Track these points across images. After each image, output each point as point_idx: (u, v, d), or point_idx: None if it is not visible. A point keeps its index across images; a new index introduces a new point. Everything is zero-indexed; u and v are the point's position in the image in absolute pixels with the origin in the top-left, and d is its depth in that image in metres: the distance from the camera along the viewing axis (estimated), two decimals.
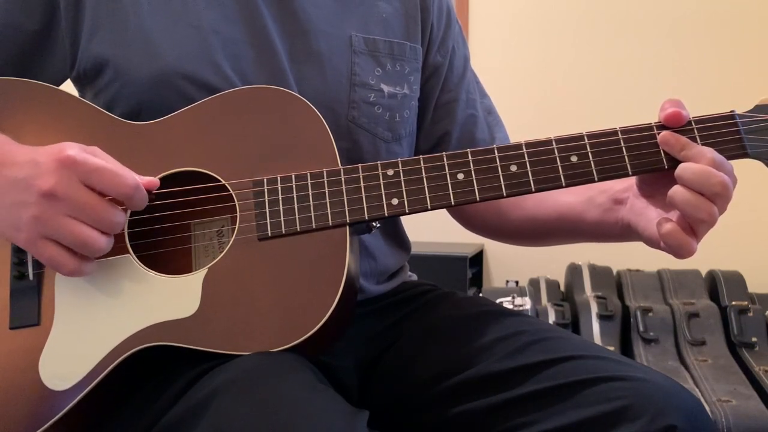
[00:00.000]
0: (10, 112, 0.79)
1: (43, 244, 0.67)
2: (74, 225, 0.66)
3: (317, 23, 0.87)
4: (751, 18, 2.26)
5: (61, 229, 0.66)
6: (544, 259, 2.20)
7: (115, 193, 0.67)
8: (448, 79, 1.00)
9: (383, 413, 0.81)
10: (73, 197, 0.66)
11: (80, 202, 0.66)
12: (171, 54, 0.80)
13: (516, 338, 0.79)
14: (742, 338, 1.85)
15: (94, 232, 0.67)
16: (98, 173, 0.67)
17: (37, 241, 0.67)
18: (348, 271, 0.72)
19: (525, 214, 0.96)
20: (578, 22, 2.39)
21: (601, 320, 1.90)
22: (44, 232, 0.66)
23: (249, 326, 0.70)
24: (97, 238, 0.67)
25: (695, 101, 0.83)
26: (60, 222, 0.66)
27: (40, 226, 0.66)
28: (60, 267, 0.68)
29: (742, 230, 2.07)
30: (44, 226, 0.66)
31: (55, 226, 0.66)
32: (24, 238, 0.67)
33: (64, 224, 0.66)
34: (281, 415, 0.60)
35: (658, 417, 0.66)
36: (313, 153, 0.77)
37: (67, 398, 0.69)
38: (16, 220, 0.67)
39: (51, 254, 0.67)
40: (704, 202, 0.70)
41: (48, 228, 0.66)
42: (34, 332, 0.73)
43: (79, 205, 0.66)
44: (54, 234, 0.66)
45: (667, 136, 0.73)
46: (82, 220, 0.66)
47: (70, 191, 0.66)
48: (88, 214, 0.66)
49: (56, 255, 0.67)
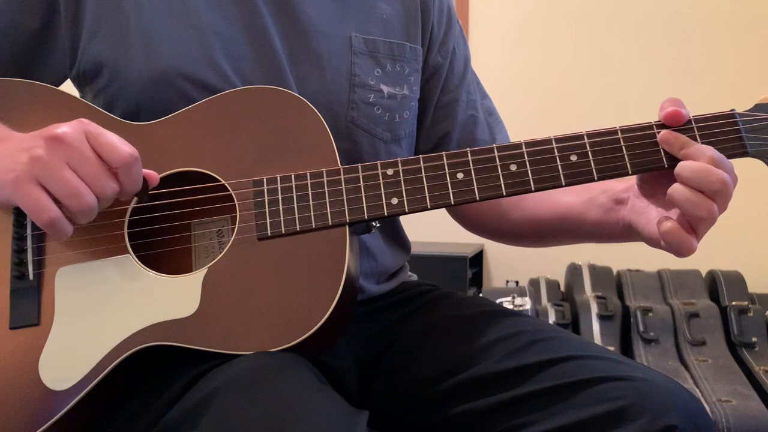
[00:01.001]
0: (10, 112, 0.79)
1: (30, 185, 0.66)
2: (70, 174, 0.66)
3: (317, 24, 0.87)
4: (750, 18, 2.26)
5: (57, 173, 0.65)
6: (544, 259, 2.20)
7: (116, 157, 0.67)
8: (448, 79, 1.00)
9: (383, 413, 0.81)
10: (78, 148, 0.66)
11: (82, 154, 0.66)
12: (171, 54, 0.81)
13: (516, 338, 0.79)
14: (742, 338, 1.85)
15: (86, 187, 0.66)
16: (105, 137, 0.67)
17: (25, 182, 0.66)
18: (348, 271, 0.72)
19: (525, 214, 0.96)
20: (578, 22, 2.39)
21: (601, 320, 1.90)
22: (38, 174, 0.65)
23: (249, 326, 0.70)
24: (88, 192, 0.66)
25: (695, 100, 0.83)
26: (58, 167, 0.65)
27: (37, 167, 0.65)
28: (40, 212, 0.66)
29: (742, 230, 2.07)
30: (41, 168, 0.65)
31: (52, 169, 0.65)
32: (13, 177, 0.66)
33: (61, 170, 0.65)
34: (281, 415, 0.60)
35: (658, 417, 0.66)
36: (313, 153, 0.77)
37: (67, 398, 0.69)
38: (14, 163, 0.66)
39: (36, 196, 0.66)
40: (704, 199, 0.70)
41: (45, 170, 0.65)
42: (34, 332, 0.73)
43: (81, 157, 0.66)
44: (48, 178, 0.65)
45: (667, 134, 0.73)
46: (78, 173, 0.66)
47: (76, 141, 0.66)
48: (87, 168, 0.66)
49: (41, 198, 0.65)
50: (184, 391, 0.68)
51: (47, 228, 0.67)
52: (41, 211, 0.66)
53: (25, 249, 0.75)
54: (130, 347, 0.70)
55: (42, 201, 0.66)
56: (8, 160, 0.67)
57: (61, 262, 0.75)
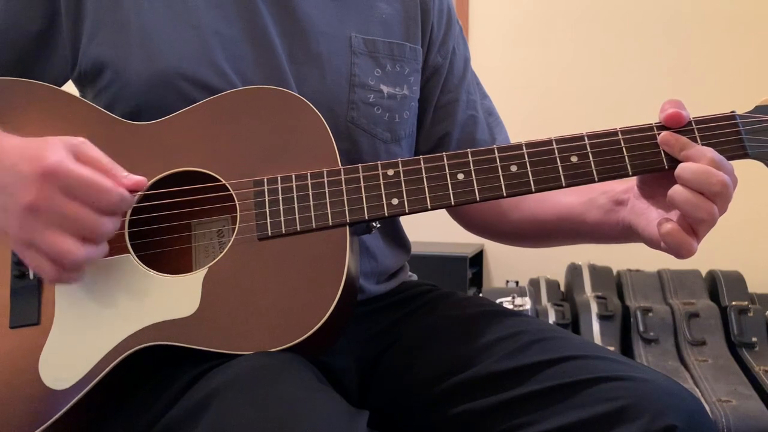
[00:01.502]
0: (10, 112, 0.79)
1: (28, 252, 0.67)
2: (53, 237, 0.65)
3: (317, 24, 0.87)
4: (750, 18, 2.26)
5: (39, 241, 0.65)
6: (544, 259, 2.20)
7: (99, 203, 0.66)
8: (448, 80, 1.00)
9: (383, 413, 0.81)
10: (54, 210, 0.64)
11: (61, 214, 0.65)
12: (171, 55, 0.81)
13: (516, 338, 0.79)
14: (742, 338, 1.85)
15: (72, 243, 0.65)
16: (80, 186, 0.65)
17: (23, 249, 0.67)
18: (348, 271, 0.72)
19: (525, 215, 0.96)
20: (578, 23, 2.39)
21: (601, 320, 1.90)
22: (27, 240, 0.66)
23: (249, 326, 0.70)
24: (74, 250, 0.65)
25: (695, 101, 0.83)
26: (40, 234, 0.65)
27: (23, 234, 0.66)
28: (42, 275, 0.68)
29: (742, 230, 2.07)
30: (26, 236, 0.66)
31: (34, 237, 0.65)
32: (12, 242, 0.68)
33: (43, 236, 0.65)
34: (281, 415, 0.59)
35: (658, 417, 0.66)
36: (314, 153, 0.77)
37: (67, 397, 0.70)
38: (5, 226, 0.67)
39: (34, 262, 0.67)
40: (704, 201, 0.70)
41: (29, 238, 0.66)
42: (34, 331, 0.73)
43: (60, 217, 0.65)
44: (35, 244, 0.66)
45: (668, 136, 0.74)
46: (64, 230, 0.65)
47: (51, 204, 0.64)
48: (70, 225, 0.65)
49: (38, 263, 0.67)
50: (184, 391, 0.68)
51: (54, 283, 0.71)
52: (43, 275, 0.68)
53: None
54: (130, 347, 0.70)
55: (39, 267, 0.67)
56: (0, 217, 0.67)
57: None
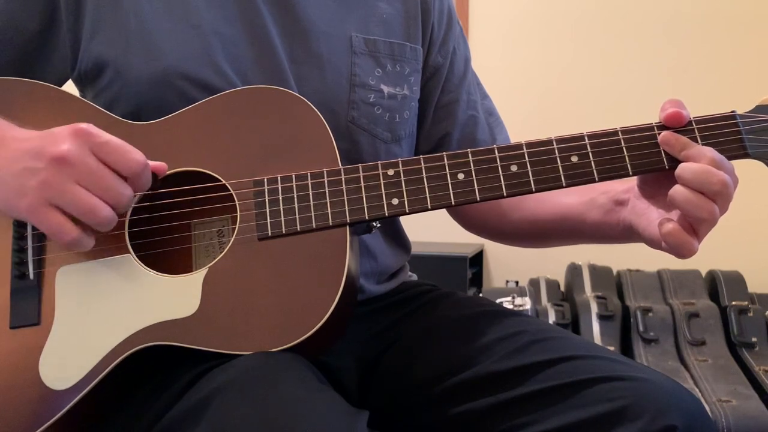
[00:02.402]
0: (11, 112, 0.79)
1: (46, 210, 0.66)
2: (82, 192, 0.66)
3: (317, 24, 0.87)
4: (750, 18, 2.26)
5: (68, 194, 0.65)
6: (544, 259, 2.20)
7: (125, 167, 0.67)
8: (448, 80, 1.00)
9: (383, 413, 0.81)
10: (84, 164, 0.66)
11: (90, 170, 0.66)
12: (171, 54, 0.81)
13: (516, 338, 0.79)
14: (742, 338, 1.85)
15: (99, 201, 0.66)
16: (110, 146, 0.67)
17: (40, 208, 0.66)
18: (348, 271, 0.72)
19: (526, 215, 0.96)
20: (578, 22, 2.39)
21: (601, 320, 1.90)
22: (50, 197, 0.66)
23: (249, 326, 0.70)
24: (103, 206, 0.66)
25: (695, 101, 0.83)
26: (68, 187, 0.65)
27: (47, 190, 0.65)
28: (62, 234, 0.67)
29: (742, 230, 2.07)
30: (52, 191, 0.65)
31: (62, 191, 0.65)
32: (27, 203, 0.66)
33: (72, 190, 0.65)
34: (281, 415, 0.59)
35: (658, 417, 0.66)
36: (314, 153, 0.77)
37: (67, 398, 0.70)
38: (23, 186, 0.66)
39: (55, 221, 0.66)
40: (705, 201, 0.70)
41: (55, 193, 0.65)
42: (35, 332, 0.73)
43: (89, 173, 0.66)
44: (60, 200, 0.66)
45: (668, 136, 0.74)
46: (89, 189, 0.66)
47: (81, 158, 0.66)
48: (98, 182, 0.66)
49: (60, 222, 0.66)
50: (184, 390, 0.68)
51: (70, 247, 0.69)
52: (62, 235, 0.67)
53: (26, 249, 0.75)
54: (130, 347, 0.70)
55: (60, 225, 0.66)
56: (15, 181, 0.67)
57: (61, 261, 0.75)
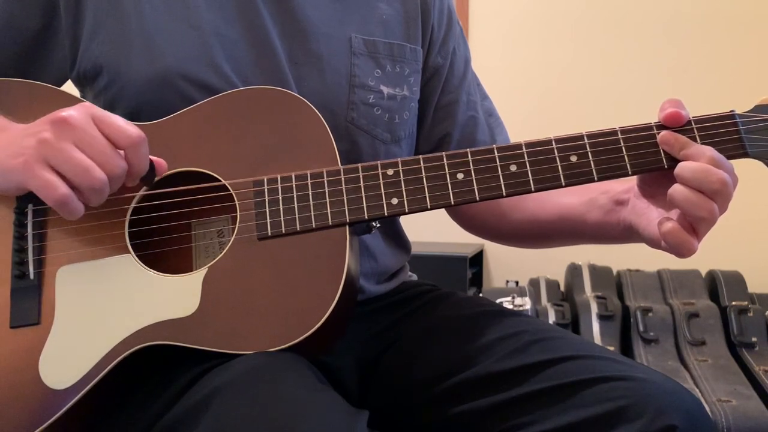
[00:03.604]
0: (10, 112, 0.79)
1: (40, 167, 0.66)
2: (77, 152, 0.66)
3: (317, 25, 0.87)
4: (750, 18, 2.26)
5: (65, 152, 0.65)
6: (544, 259, 2.20)
7: (122, 137, 0.67)
8: (448, 80, 1.00)
9: (383, 413, 0.81)
10: (84, 129, 0.66)
11: (89, 134, 0.66)
12: (171, 55, 0.81)
13: (516, 338, 0.79)
14: (742, 338, 1.85)
15: (94, 164, 0.66)
16: (110, 119, 0.68)
17: (34, 164, 0.66)
18: (348, 271, 0.72)
19: (525, 215, 0.96)
20: (578, 22, 2.39)
21: (601, 320, 1.90)
22: (46, 154, 0.66)
23: (249, 326, 0.70)
24: (96, 168, 0.66)
25: (695, 101, 0.83)
26: (65, 146, 0.65)
27: (44, 148, 0.66)
28: (51, 190, 0.66)
29: (742, 230, 2.07)
30: (48, 149, 0.66)
31: (59, 149, 0.65)
32: (22, 162, 0.66)
33: (68, 149, 0.65)
34: (281, 415, 0.60)
35: (658, 417, 0.66)
36: (313, 153, 0.77)
37: (67, 397, 0.70)
38: (21, 147, 0.67)
39: (46, 177, 0.66)
40: (704, 200, 0.70)
41: (52, 150, 0.66)
42: (35, 331, 0.73)
43: (88, 136, 0.66)
44: (56, 157, 0.66)
45: (667, 135, 0.74)
46: (86, 152, 0.66)
47: (81, 123, 0.66)
48: (95, 147, 0.66)
49: (51, 178, 0.66)
50: (184, 390, 0.69)
51: (59, 207, 0.67)
52: (53, 190, 0.66)
53: (26, 248, 0.75)
54: (130, 346, 0.70)
55: (52, 180, 0.66)
56: (15, 146, 0.67)
57: (61, 261, 0.75)
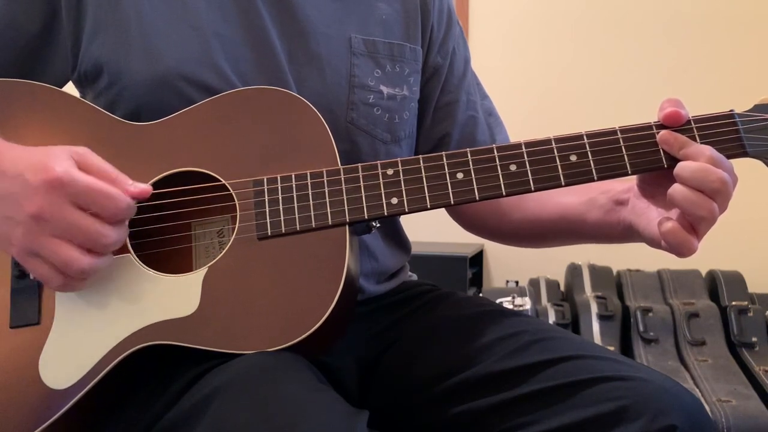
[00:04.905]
0: (11, 113, 0.79)
1: (32, 260, 0.67)
2: (58, 246, 0.66)
3: (316, 25, 0.87)
4: (750, 18, 2.27)
5: (45, 249, 0.66)
6: (544, 259, 2.20)
7: (105, 215, 0.67)
8: (448, 80, 1.00)
9: (383, 413, 0.81)
10: (60, 219, 0.65)
11: (67, 224, 0.66)
12: (171, 56, 0.81)
13: (516, 338, 0.79)
14: (742, 338, 1.85)
15: (77, 252, 0.66)
16: (87, 194, 0.66)
17: (26, 258, 0.68)
18: (348, 271, 0.72)
19: (525, 215, 0.96)
20: (578, 22, 2.39)
21: (601, 320, 1.90)
22: (31, 250, 0.67)
23: (249, 325, 0.70)
24: (78, 258, 0.66)
25: (695, 100, 0.83)
26: (45, 242, 0.66)
27: (28, 244, 0.67)
28: (48, 282, 0.69)
29: (742, 230, 2.07)
30: (31, 245, 0.67)
31: (40, 245, 0.66)
32: (15, 252, 0.68)
33: (48, 244, 0.66)
34: (281, 415, 0.60)
35: (658, 417, 0.66)
36: (313, 153, 0.77)
37: (67, 397, 0.70)
38: (8, 235, 0.67)
39: (39, 271, 0.68)
40: (704, 199, 0.70)
41: (35, 246, 0.66)
42: (35, 331, 0.73)
43: (66, 226, 0.66)
44: (40, 253, 0.67)
45: (667, 135, 0.74)
46: (69, 240, 0.66)
47: (57, 213, 0.65)
48: (76, 234, 0.66)
49: (43, 272, 0.67)
50: (184, 391, 0.69)
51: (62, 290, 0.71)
52: (48, 283, 0.69)
53: None
54: (130, 346, 0.70)
55: (44, 275, 0.68)
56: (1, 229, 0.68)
57: None
